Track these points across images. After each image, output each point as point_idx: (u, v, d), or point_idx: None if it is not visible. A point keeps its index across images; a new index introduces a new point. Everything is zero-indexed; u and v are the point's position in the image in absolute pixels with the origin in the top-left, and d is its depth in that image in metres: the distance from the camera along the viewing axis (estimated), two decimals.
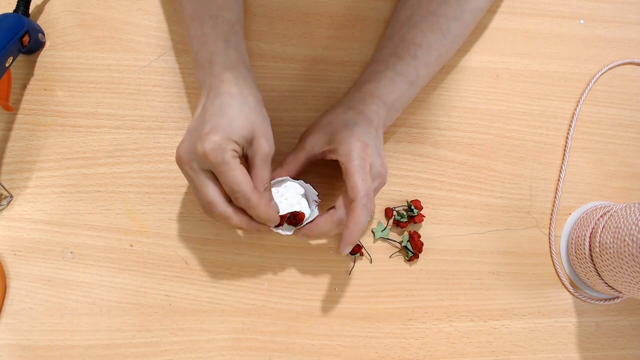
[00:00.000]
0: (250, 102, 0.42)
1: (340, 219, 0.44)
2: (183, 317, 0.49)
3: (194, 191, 0.43)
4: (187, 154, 0.41)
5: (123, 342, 0.48)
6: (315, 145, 0.46)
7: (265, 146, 0.42)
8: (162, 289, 0.49)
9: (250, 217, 0.43)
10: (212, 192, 0.42)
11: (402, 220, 0.51)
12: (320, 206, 0.51)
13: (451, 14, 0.49)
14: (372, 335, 0.51)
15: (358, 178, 0.42)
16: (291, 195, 0.47)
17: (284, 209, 0.46)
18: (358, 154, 0.42)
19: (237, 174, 0.40)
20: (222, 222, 0.44)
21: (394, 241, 0.49)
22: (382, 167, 0.44)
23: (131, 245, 0.50)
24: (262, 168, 0.43)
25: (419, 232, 0.52)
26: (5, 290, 0.48)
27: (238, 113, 0.41)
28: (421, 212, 0.52)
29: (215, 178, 0.42)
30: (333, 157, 0.45)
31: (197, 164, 0.41)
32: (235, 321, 0.49)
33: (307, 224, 0.46)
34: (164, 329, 0.49)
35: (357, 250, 0.50)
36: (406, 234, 0.52)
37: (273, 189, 0.47)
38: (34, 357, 0.47)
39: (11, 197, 0.50)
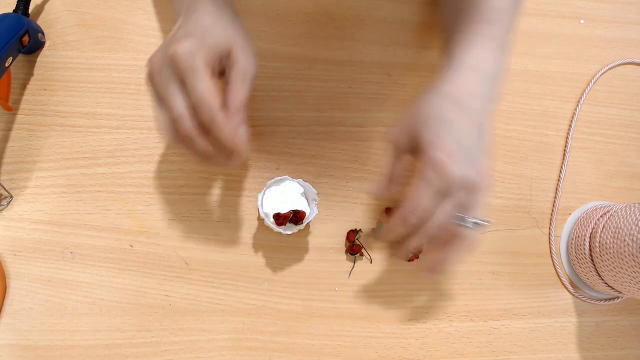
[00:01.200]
0: (226, 17, 0.40)
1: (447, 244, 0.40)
2: (183, 317, 0.49)
3: (159, 109, 0.39)
4: (158, 62, 0.37)
5: (123, 342, 0.48)
6: (404, 146, 0.41)
7: (242, 60, 0.39)
8: (162, 289, 0.49)
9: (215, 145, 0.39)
10: (180, 105, 0.37)
11: None
12: (319, 206, 0.51)
13: None
14: (372, 335, 0.51)
15: (414, 192, 0.38)
16: (291, 194, 0.47)
17: (285, 208, 0.46)
18: (434, 168, 0.37)
19: (204, 83, 0.36)
20: (186, 147, 0.39)
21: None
22: (475, 177, 0.38)
23: (131, 245, 0.50)
24: (238, 84, 0.38)
25: None
26: (5, 290, 0.48)
27: (213, 24, 0.38)
28: None
29: (184, 89, 0.37)
30: (419, 160, 0.39)
31: (167, 71, 0.37)
32: (235, 321, 0.49)
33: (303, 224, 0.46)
34: (164, 329, 0.49)
35: (357, 250, 0.50)
36: None
37: (272, 189, 0.47)
38: (34, 357, 0.47)
39: (11, 197, 0.50)
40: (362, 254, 0.52)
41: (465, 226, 0.40)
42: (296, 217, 0.46)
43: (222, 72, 0.40)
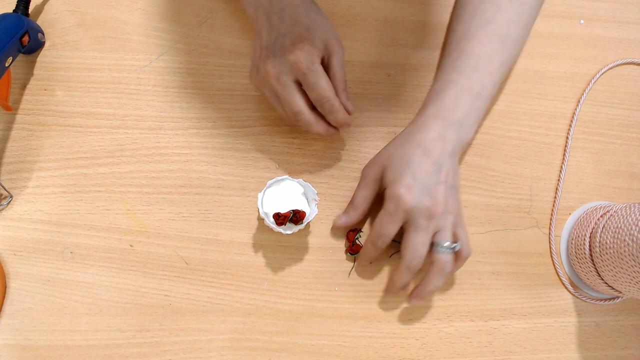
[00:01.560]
0: (313, 7, 0.45)
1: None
2: (183, 317, 0.49)
3: (276, 104, 0.47)
4: (275, 67, 0.44)
5: (123, 342, 0.48)
6: (375, 179, 0.48)
7: (338, 48, 0.46)
8: (162, 289, 0.49)
9: (328, 123, 0.48)
10: (301, 102, 0.45)
11: None
12: (319, 206, 0.51)
13: (507, 18, 0.47)
14: (372, 335, 0.51)
15: (378, 220, 0.46)
16: (291, 194, 0.47)
17: (285, 208, 0.46)
18: (393, 201, 0.45)
19: (324, 80, 0.44)
20: (304, 128, 0.48)
21: (396, 241, 0.49)
22: (432, 206, 0.45)
23: (131, 245, 0.50)
24: (340, 68, 0.46)
25: None
26: (5, 290, 0.48)
27: (310, 20, 0.44)
28: None
29: (300, 88, 0.45)
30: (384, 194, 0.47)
31: (286, 76, 0.44)
32: (235, 321, 0.49)
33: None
34: (164, 329, 0.49)
35: (357, 250, 0.51)
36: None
37: (272, 188, 0.47)
38: (34, 357, 0.47)
39: (11, 197, 0.50)
40: None
41: (441, 252, 0.46)
42: (296, 216, 0.46)
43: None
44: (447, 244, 0.46)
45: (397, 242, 0.49)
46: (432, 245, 0.47)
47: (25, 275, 0.48)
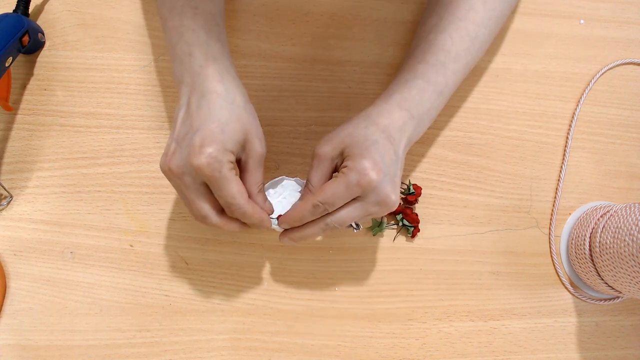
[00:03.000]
0: (238, 101, 0.40)
1: (309, 203, 0.42)
2: (183, 317, 0.49)
3: (184, 202, 0.42)
4: (179, 167, 0.39)
5: (123, 342, 0.48)
6: (333, 157, 0.43)
7: (258, 148, 0.41)
8: (162, 289, 0.49)
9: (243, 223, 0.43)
10: (206, 207, 0.40)
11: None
12: None
13: (479, 20, 0.47)
14: (372, 335, 0.51)
15: (332, 186, 0.40)
16: (289, 194, 0.47)
17: (284, 208, 0.46)
18: (359, 173, 0.40)
19: (233, 187, 0.39)
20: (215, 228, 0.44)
21: (392, 226, 0.49)
22: (390, 195, 0.41)
23: (131, 245, 0.50)
24: (256, 171, 0.42)
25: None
26: (5, 290, 0.48)
27: (229, 116, 0.39)
28: (418, 197, 0.52)
29: (207, 190, 0.40)
30: (341, 167, 0.43)
31: (190, 178, 0.39)
32: (235, 321, 0.49)
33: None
34: (164, 329, 0.49)
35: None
36: (400, 215, 0.52)
37: (271, 190, 0.47)
38: (34, 357, 0.47)
39: (11, 197, 0.50)
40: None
41: (350, 226, 0.44)
42: None
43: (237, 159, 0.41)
44: (360, 226, 0.45)
45: (391, 226, 0.48)
46: None
47: (25, 275, 0.48)
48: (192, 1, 0.43)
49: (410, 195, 0.52)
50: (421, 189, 0.52)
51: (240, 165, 0.42)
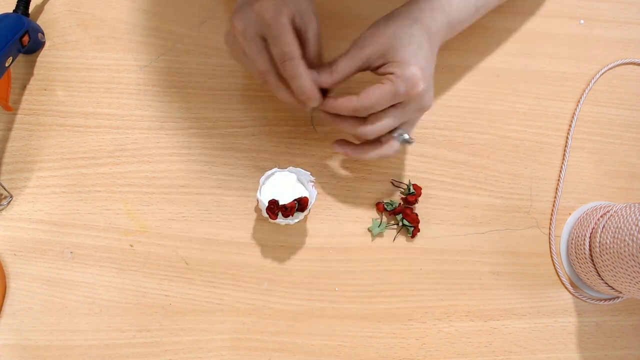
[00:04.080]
0: None
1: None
2: (183, 317, 0.49)
3: (242, 62, 0.44)
4: (240, 21, 0.41)
5: (123, 342, 0.48)
6: (373, 57, 0.43)
7: (314, 21, 0.42)
8: (162, 289, 0.49)
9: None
10: (266, 60, 0.42)
11: (392, 207, 0.52)
12: (320, 203, 0.51)
13: None
14: (372, 335, 0.51)
15: (376, 91, 0.41)
16: (286, 185, 0.47)
17: (284, 200, 0.46)
18: (408, 82, 0.40)
19: (288, 35, 0.40)
20: (272, 92, 0.45)
21: (392, 226, 0.49)
22: (429, 101, 0.43)
23: (131, 245, 0.50)
24: (316, 42, 0.43)
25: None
26: (5, 290, 0.48)
27: None
28: (418, 197, 0.52)
29: (267, 47, 0.42)
30: (386, 72, 0.42)
31: (252, 30, 0.41)
32: (235, 321, 0.49)
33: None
34: (164, 329, 0.49)
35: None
36: (400, 215, 0.52)
37: (267, 185, 0.47)
38: (34, 357, 0.47)
39: (11, 197, 0.50)
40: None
41: (397, 138, 0.45)
42: (300, 204, 0.46)
43: (295, 31, 0.42)
44: (407, 137, 0.45)
45: (391, 226, 0.49)
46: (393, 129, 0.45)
47: (25, 275, 0.48)
48: None
49: (410, 195, 0.52)
50: (421, 189, 0.52)
51: (300, 38, 0.42)
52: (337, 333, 0.50)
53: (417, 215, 0.52)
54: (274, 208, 0.45)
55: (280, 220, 0.46)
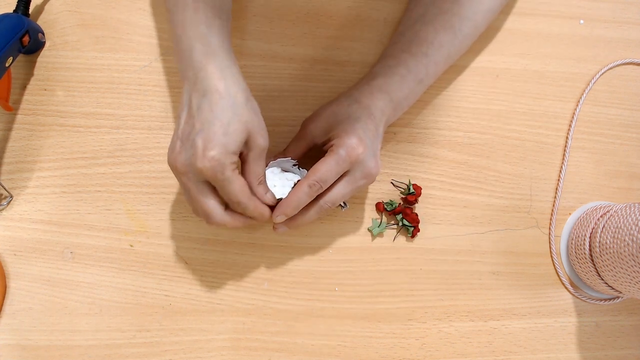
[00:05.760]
0: (239, 99, 0.40)
1: (305, 186, 0.44)
2: (183, 317, 0.49)
3: (187, 199, 0.43)
4: (184, 166, 0.40)
5: (123, 342, 0.48)
6: (316, 134, 0.47)
7: (261, 142, 0.42)
8: (162, 289, 0.49)
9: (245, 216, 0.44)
10: (211, 204, 0.42)
11: (392, 207, 0.52)
12: None
13: (464, 13, 0.50)
14: (372, 335, 0.51)
15: (323, 165, 0.43)
16: (275, 179, 0.47)
17: (282, 194, 0.46)
18: (346, 149, 0.43)
19: (235, 187, 0.40)
20: (217, 227, 0.46)
21: (392, 226, 0.49)
22: (374, 168, 0.45)
23: (131, 245, 0.50)
24: (257, 163, 0.43)
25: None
26: (5, 290, 0.48)
27: (231, 116, 0.39)
28: (418, 197, 0.52)
29: (211, 188, 0.42)
30: (328, 146, 0.46)
31: (194, 177, 0.40)
32: (235, 321, 0.49)
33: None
34: (164, 329, 0.49)
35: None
36: (400, 215, 0.52)
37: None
38: (34, 357, 0.47)
39: (11, 197, 0.50)
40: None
41: (340, 206, 0.49)
42: None
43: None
44: (347, 205, 0.50)
45: (391, 226, 0.49)
46: None
47: (25, 275, 0.48)
48: None
49: (410, 195, 0.52)
50: (421, 188, 0.52)
51: (242, 157, 0.43)
52: (337, 333, 0.50)
53: (417, 215, 0.52)
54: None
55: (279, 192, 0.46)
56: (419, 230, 0.52)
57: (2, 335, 0.47)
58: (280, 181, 0.46)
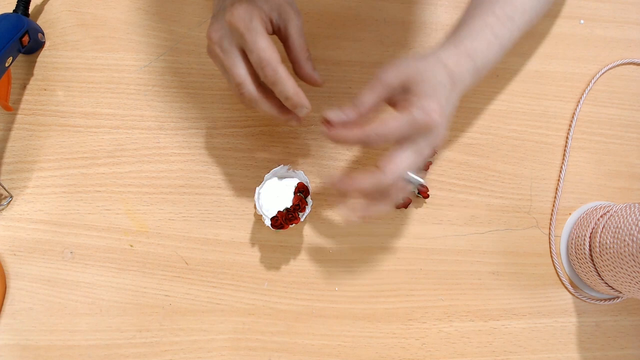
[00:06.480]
0: None
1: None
2: (183, 317, 0.49)
3: (224, 75, 0.43)
4: (216, 32, 0.40)
5: (123, 342, 0.48)
6: (394, 86, 0.42)
7: (294, 14, 0.42)
8: (162, 289, 0.49)
9: (280, 105, 0.42)
10: (242, 72, 0.41)
11: None
12: (317, 205, 0.51)
13: None
14: (372, 335, 0.51)
15: (395, 120, 0.39)
16: (276, 190, 0.47)
17: (285, 203, 0.46)
18: (425, 112, 0.39)
19: (263, 40, 0.39)
20: (252, 107, 0.43)
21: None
22: (442, 140, 0.43)
23: (131, 245, 0.50)
24: (299, 36, 0.42)
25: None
26: (5, 290, 0.48)
27: None
28: (430, 165, 0.53)
29: (245, 57, 0.41)
30: (405, 105, 0.41)
31: (227, 40, 0.40)
32: (235, 321, 0.49)
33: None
34: (164, 329, 0.49)
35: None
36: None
37: (261, 199, 0.47)
38: (34, 357, 0.47)
39: (11, 197, 0.50)
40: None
41: (408, 180, 0.43)
42: (301, 190, 0.46)
43: (274, 30, 0.42)
44: (420, 180, 0.45)
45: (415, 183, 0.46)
46: None
47: (25, 275, 0.48)
48: None
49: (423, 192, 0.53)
50: (427, 188, 0.53)
51: (281, 35, 0.43)
52: (337, 333, 0.50)
53: (427, 189, 0.52)
54: (279, 219, 0.45)
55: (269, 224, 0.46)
56: (406, 206, 0.52)
57: (2, 335, 0.47)
58: (281, 189, 0.47)
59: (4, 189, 0.50)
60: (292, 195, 0.46)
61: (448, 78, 0.42)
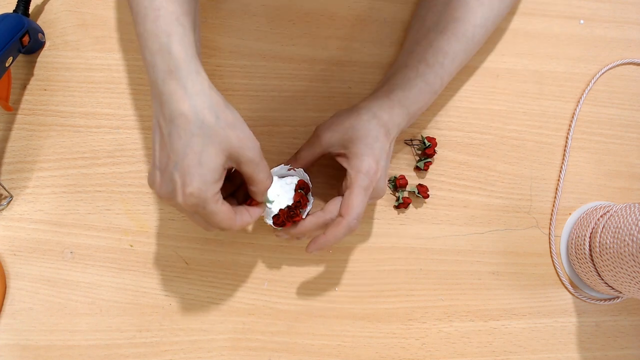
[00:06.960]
0: (208, 119, 0.36)
1: (326, 223, 0.45)
2: (183, 317, 0.49)
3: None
4: (168, 200, 0.38)
5: (123, 342, 0.48)
6: (332, 144, 0.46)
7: (248, 155, 0.39)
8: (162, 289, 0.49)
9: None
10: (201, 222, 0.41)
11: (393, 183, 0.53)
12: (316, 203, 0.51)
13: (476, 21, 0.49)
14: (372, 335, 0.51)
15: (357, 200, 0.43)
16: (277, 188, 0.47)
17: (287, 200, 0.46)
18: (368, 176, 0.43)
19: (220, 217, 0.39)
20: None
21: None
22: (382, 190, 0.46)
23: (131, 245, 0.50)
24: (257, 171, 0.40)
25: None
26: (5, 290, 0.48)
27: (202, 142, 0.36)
28: (435, 147, 0.54)
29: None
30: (343, 163, 0.45)
31: (180, 206, 0.39)
32: (235, 321, 0.49)
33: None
34: (164, 329, 0.49)
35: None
36: (415, 187, 0.53)
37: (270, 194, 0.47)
38: (34, 357, 0.47)
39: (11, 197, 0.50)
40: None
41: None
42: (302, 187, 0.46)
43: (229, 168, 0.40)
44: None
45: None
46: None
47: (25, 275, 0.48)
48: (153, 2, 0.38)
49: (428, 149, 0.53)
50: (435, 139, 0.54)
51: (238, 172, 0.41)
52: (337, 333, 0.50)
53: (427, 189, 0.53)
54: (281, 217, 0.45)
55: (271, 222, 0.45)
56: (428, 197, 0.53)
57: (2, 335, 0.47)
58: (281, 189, 0.46)
59: (4, 189, 0.50)
60: (292, 194, 0.46)
61: (382, 130, 0.45)
